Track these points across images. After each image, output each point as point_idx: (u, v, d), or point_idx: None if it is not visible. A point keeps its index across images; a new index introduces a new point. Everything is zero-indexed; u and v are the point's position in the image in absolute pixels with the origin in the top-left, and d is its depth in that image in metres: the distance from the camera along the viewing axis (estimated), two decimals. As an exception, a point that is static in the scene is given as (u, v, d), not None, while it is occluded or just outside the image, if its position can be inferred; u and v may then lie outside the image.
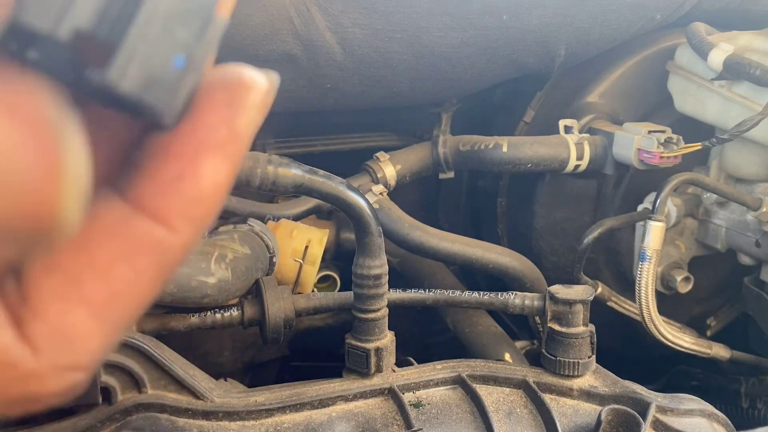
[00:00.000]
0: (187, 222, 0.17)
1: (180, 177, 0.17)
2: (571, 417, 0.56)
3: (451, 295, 0.68)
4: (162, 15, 0.16)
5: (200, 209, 0.17)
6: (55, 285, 0.17)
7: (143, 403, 0.53)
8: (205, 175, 0.17)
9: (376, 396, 0.56)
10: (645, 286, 0.80)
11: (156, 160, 0.17)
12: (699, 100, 0.84)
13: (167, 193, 0.17)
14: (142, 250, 0.17)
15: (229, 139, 0.17)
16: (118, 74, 0.15)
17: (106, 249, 0.17)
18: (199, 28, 0.17)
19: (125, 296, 0.17)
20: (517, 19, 0.77)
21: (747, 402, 0.91)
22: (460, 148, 0.87)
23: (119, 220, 0.17)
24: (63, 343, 0.17)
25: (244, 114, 0.17)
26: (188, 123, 0.17)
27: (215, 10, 0.17)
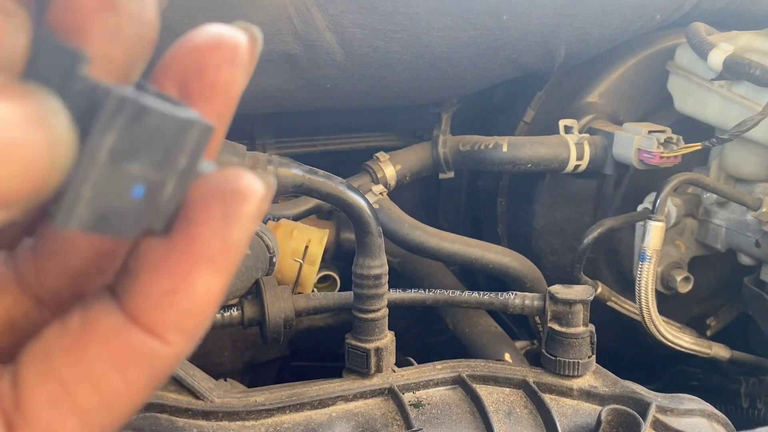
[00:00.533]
0: (180, 334, 0.17)
1: (173, 291, 0.17)
2: (571, 417, 0.56)
3: (451, 295, 0.68)
4: (105, 155, 0.15)
5: (193, 322, 0.17)
6: (48, 393, 0.17)
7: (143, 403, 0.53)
8: (198, 290, 0.17)
9: (376, 396, 0.56)
10: (645, 286, 0.80)
11: (149, 272, 0.17)
12: (699, 100, 0.84)
13: (160, 306, 0.17)
14: (135, 362, 0.17)
15: (223, 252, 0.17)
16: (65, 216, 0.15)
17: (100, 358, 0.17)
18: (165, 152, 0.16)
19: (115, 405, 0.17)
20: (517, 19, 0.77)
21: (747, 402, 0.91)
22: (460, 148, 0.87)
23: (114, 329, 0.17)
24: None
25: (239, 226, 0.17)
26: (182, 235, 0.17)
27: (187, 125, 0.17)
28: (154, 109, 0.16)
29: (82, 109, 0.16)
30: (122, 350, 0.17)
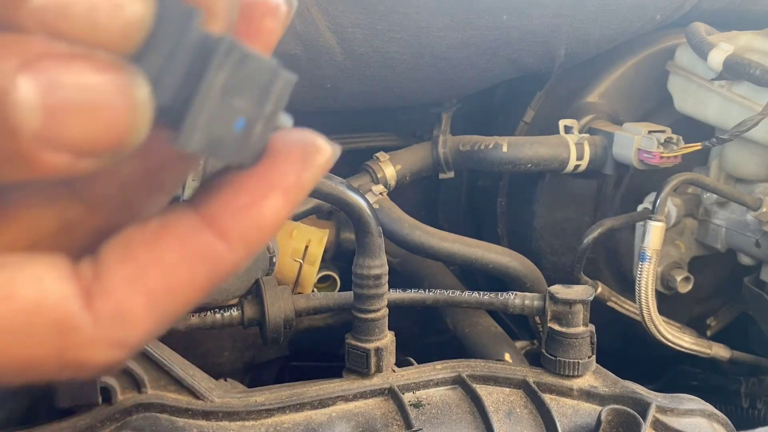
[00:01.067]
0: (244, 244, 0.21)
1: (248, 206, 0.20)
2: (571, 417, 0.56)
3: (451, 295, 0.68)
4: (218, 90, 0.19)
5: (256, 236, 0.21)
6: (125, 272, 0.20)
7: (143, 403, 0.53)
8: (268, 210, 0.20)
9: (376, 396, 0.56)
10: (645, 286, 0.80)
11: (232, 189, 0.21)
12: (699, 100, 0.84)
13: (234, 217, 0.20)
14: (202, 259, 0.20)
15: (294, 187, 0.21)
16: (185, 139, 0.19)
17: (173, 251, 0.20)
18: (260, 93, 0.20)
19: (178, 294, 0.20)
20: (517, 19, 0.76)
21: (747, 402, 0.91)
22: (460, 148, 0.86)
23: (190, 228, 0.20)
24: (120, 321, 0.20)
25: (311, 170, 0.21)
26: (266, 165, 0.21)
27: (276, 72, 0.20)
28: (255, 55, 0.20)
29: (196, 54, 0.19)
30: (193, 247, 0.20)
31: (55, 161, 0.18)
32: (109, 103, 0.18)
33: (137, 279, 0.20)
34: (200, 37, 0.19)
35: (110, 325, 0.20)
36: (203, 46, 0.19)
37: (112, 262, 0.20)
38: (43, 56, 0.17)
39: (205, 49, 0.19)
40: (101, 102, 0.18)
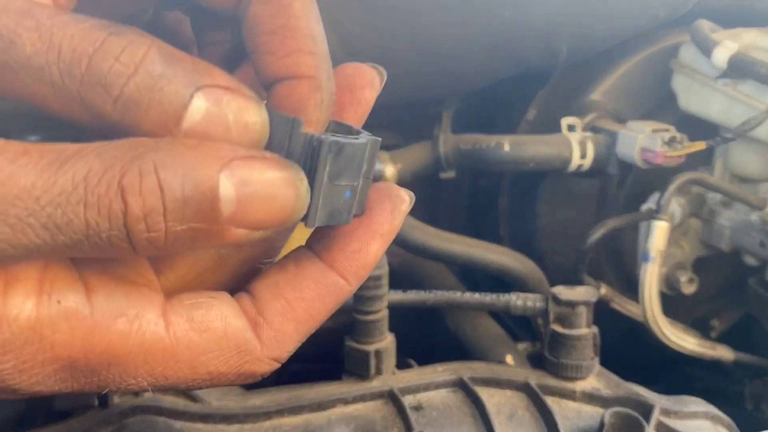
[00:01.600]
0: (357, 279, 0.28)
1: (358, 251, 0.28)
2: (574, 420, 0.56)
3: (452, 296, 0.67)
4: (327, 179, 0.26)
5: (366, 272, 0.28)
6: (278, 307, 0.28)
7: (139, 405, 0.52)
8: (372, 252, 0.28)
9: (375, 399, 0.55)
10: (648, 288, 0.79)
11: (345, 238, 0.28)
12: (703, 98, 0.84)
13: (349, 260, 0.28)
14: (330, 293, 0.28)
15: (389, 232, 0.28)
16: (311, 221, 0.26)
17: (310, 288, 0.28)
18: (357, 167, 0.27)
19: (315, 320, 0.28)
20: (519, 16, 0.76)
21: (751, 404, 0.90)
22: (461, 147, 0.86)
23: (319, 271, 0.28)
24: (278, 343, 0.27)
25: (399, 217, 0.29)
26: (368, 218, 0.28)
27: (366, 146, 0.27)
28: (348, 143, 0.26)
29: (305, 153, 0.25)
30: (324, 285, 0.28)
31: (239, 235, 0.24)
32: (282, 193, 0.24)
33: (288, 312, 0.27)
34: (305, 139, 0.25)
35: (272, 346, 0.27)
36: (309, 146, 0.25)
37: (268, 298, 0.28)
38: (234, 158, 0.23)
39: (311, 147, 0.25)
40: (277, 193, 0.24)
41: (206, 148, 0.23)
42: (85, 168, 0.22)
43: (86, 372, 0.25)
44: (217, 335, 0.26)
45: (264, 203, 0.24)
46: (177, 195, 0.23)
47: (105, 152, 0.23)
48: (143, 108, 0.23)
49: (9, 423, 0.55)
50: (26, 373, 0.24)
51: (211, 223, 0.23)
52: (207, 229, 0.23)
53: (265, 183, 0.24)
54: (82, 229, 0.22)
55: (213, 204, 0.23)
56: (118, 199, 0.22)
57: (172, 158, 0.23)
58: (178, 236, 0.23)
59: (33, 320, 0.24)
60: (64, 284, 0.25)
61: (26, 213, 0.22)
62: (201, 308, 0.26)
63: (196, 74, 0.24)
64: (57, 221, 0.22)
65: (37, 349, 0.24)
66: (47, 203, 0.22)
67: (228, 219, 0.23)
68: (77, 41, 0.23)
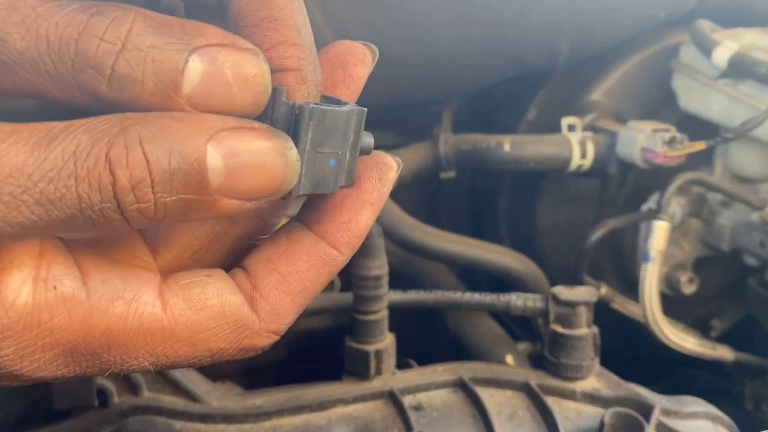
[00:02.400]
0: (349, 248, 0.28)
1: (349, 221, 0.28)
2: (574, 420, 0.56)
3: (452, 296, 0.67)
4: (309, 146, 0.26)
5: (357, 241, 0.29)
6: (273, 281, 0.28)
7: (140, 405, 0.52)
8: (362, 221, 0.28)
9: (375, 399, 0.55)
10: (649, 288, 0.79)
11: (335, 209, 0.28)
12: (703, 98, 0.83)
13: (340, 230, 0.28)
14: (323, 263, 0.28)
15: (378, 201, 0.28)
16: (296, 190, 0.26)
17: (303, 261, 0.28)
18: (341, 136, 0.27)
19: (310, 290, 0.28)
20: (519, 16, 0.76)
21: (752, 404, 0.90)
22: (461, 147, 0.86)
23: (311, 243, 0.28)
24: (275, 316, 0.28)
25: (387, 185, 0.29)
26: (356, 188, 0.28)
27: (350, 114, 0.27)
28: (330, 110, 0.26)
29: (288, 121, 0.26)
30: (316, 256, 0.28)
31: (230, 205, 0.24)
32: (271, 162, 0.24)
33: (283, 285, 0.28)
34: (288, 107, 0.26)
35: (270, 319, 0.28)
36: (291, 113, 0.26)
37: (262, 273, 0.28)
38: (221, 130, 0.24)
39: (293, 115, 0.26)
40: (266, 162, 0.24)
41: (193, 120, 0.24)
42: (73, 143, 0.23)
43: (87, 355, 0.26)
44: (215, 312, 0.27)
45: (253, 173, 0.24)
46: (163, 166, 0.23)
47: (92, 127, 0.23)
48: (139, 82, 0.23)
49: (9, 423, 0.55)
50: (27, 359, 0.25)
51: (201, 193, 0.24)
52: (197, 200, 0.24)
53: (254, 153, 0.24)
54: (75, 202, 0.23)
55: (201, 175, 0.23)
56: (106, 171, 0.23)
57: (158, 130, 0.23)
58: (168, 207, 0.24)
59: (30, 306, 0.24)
60: (60, 269, 0.25)
61: (19, 190, 0.22)
62: (197, 287, 0.27)
63: (186, 37, 0.24)
64: (50, 196, 0.22)
65: (36, 334, 0.24)
66: (39, 179, 0.22)
67: (218, 189, 0.24)
68: (62, 28, 0.23)
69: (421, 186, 0.99)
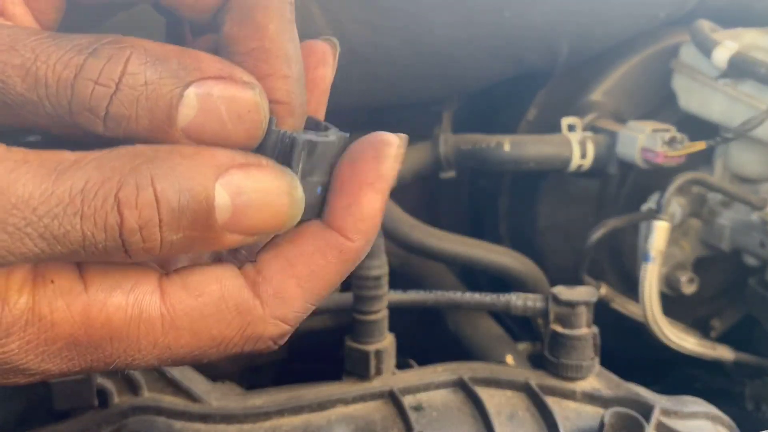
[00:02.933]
0: (359, 233, 0.27)
1: (350, 205, 0.27)
2: (574, 420, 0.56)
3: (452, 296, 0.67)
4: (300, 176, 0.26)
5: (365, 224, 0.27)
6: (279, 265, 0.27)
7: (140, 405, 0.52)
8: (366, 203, 0.27)
9: (375, 399, 0.55)
10: (649, 288, 0.79)
11: (335, 196, 0.28)
12: (703, 98, 0.83)
13: (344, 215, 0.27)
14: (332, 249, 0.27)
15: (378, 179, 0.27)
16: None
17: (311, 245, 0.27)
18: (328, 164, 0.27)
19: (319, 276, 0.27)
20: (519, 17, 0.76)
21: (752, 404, 0.90)
22: (461, 147, 0.86)
23: (318, 229, 0.28)
24: (280, 300, 0.27)
25: (386, 161, 0.27)
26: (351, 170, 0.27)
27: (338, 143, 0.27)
28: (321, 141, 0.27)
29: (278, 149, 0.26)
30: (323, 239, 0.27)
31: (234, 240, 0.25)
32: (278, 201, 0.25)
33: (288, 269, 0.27)
34: (278, 136, 0.26)
35: (274, 304, 0.27)
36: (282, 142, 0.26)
37: (267, 258, 0.27)
38: (230, 167, 0.24)
39: (283, 144, 0.26)
40: (273, 201, 0.25)
41: (203, 157, 0.24)
42: (82, 179, 0.23)
43: (90, 348, 0.26)
44: (214, 297, 0.26)
45: (259, 211, 0.25)
46: (173, 205, 0.23)
47: (103, 163, 0.23)
48: (133, 120, 0.24)
49: (9, 423, 0.55)
50: (32, 353, 0.25)
51: (207, 231, 0.24)
52: (203, 237, 0.24)
53: (261, 191, 0.25)
54: (79, 240, 0.23)
55: (208, 213, 0.24)
56: (114, 212, 0.23)
57: (169, 168, 0.23)
58: (173, 244, 0.24)
59: (31, 302, 0.24)
60: (57, 264, 0.25)
61: (24, 222, 0.22)
62: (195, 273, 0.27)
63: (182, 71, 0.24)
64: (54, 232, 0.23)
65: (39, 329, 0.25)
66: (44, 214, 0.22)
67: (224, 226, 0.24)
68: (60, 70, 0.23)
69: (421, 186, 0.99)
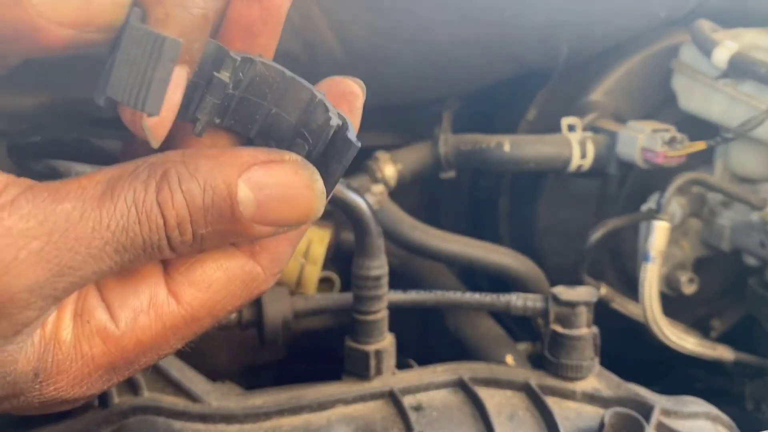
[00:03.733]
0: None
1: None
2: (574, 420, 0.56)
3: (452, 296, 0.67)
4: None
5: None
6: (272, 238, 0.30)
7: (140, 405, 0.52)
8: None
9: (375, 399, 0.55)
10: (649, 288, 0.79)
11: None
12: (704, 98, 0.83)
13: None
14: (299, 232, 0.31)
15: None
16: None
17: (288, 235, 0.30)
18: None
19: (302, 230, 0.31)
20: (519, 17, 0.76)
21: (752, 404, 0.90)
22: (461, 147, 0.86)
23: None
24: (276, 263, 0.31)
25: (357, 117, 0.33)
26: None
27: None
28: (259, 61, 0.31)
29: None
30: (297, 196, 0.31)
31: (264, 231, 0.28)
32: (299, 195, 0.27)
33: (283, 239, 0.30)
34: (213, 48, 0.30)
35: (271, 266, 0.30)
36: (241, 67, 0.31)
37: None
38: (252, 164, 0.27)
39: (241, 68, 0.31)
40: (294, 195, 0.27)
41: (226, 156, 0.27)
42: (131, 191, 0.26)
43: (126, 366, 0.29)
44: (222, 284, 0.29)
45: (283, 204, 0.27)
46: (198, 203, 0.26)
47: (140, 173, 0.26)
48: None
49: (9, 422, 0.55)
50: (77, 385, 0.28)
51: (234, 224, 0.27)
52: (231, 229, 0.27)
53: (282, 186, 0.27)
54: (141, 244, 0.26)
55: (232, 208, 0.27)
56: (159, 215, 0.26)
57: (194, 169, 0.26)
58: (204, 237, 0.27)
59: (74, 341, 0.28)
60: (91, 303, 0.28)
61: (103, 242, 0.26)
62: (197, 268, 0.29)
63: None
64: (124, 243, 0.26)
65: (83, 365, 0.28)
66: (115, 228, 0.26)
67: (250, 218, 0.27)
68: None
69: (421, 186, 0.99)
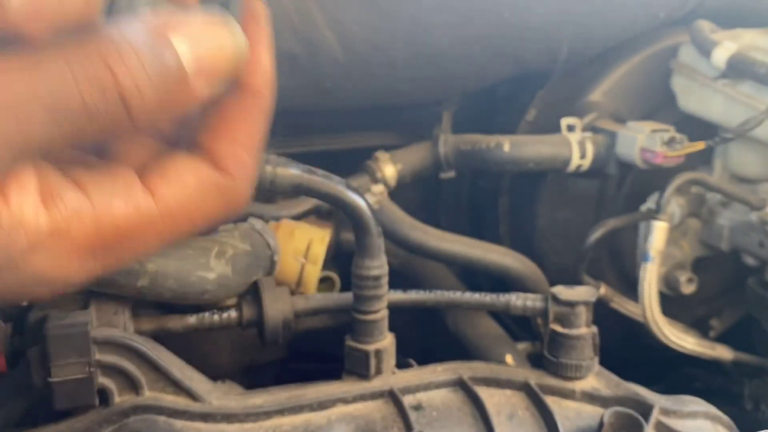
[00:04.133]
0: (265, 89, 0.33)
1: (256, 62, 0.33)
2: (574, 420, 0.56)
3: (452, 296, 0.67)
4: None
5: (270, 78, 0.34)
6: (226, 140, 0.31)
7: (140, 405, 0.52)
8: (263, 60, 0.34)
9: (375, 398, 0.55)
10: (648, 287, 0.79)
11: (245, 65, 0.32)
12: (703, 98, 0.84)
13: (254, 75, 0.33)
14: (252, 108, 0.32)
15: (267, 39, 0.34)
16: None
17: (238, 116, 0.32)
18: None
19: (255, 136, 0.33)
20: (519, 17, 0.76)
21: (751, 404, 0.90)
22: (461, 147, 0.86)
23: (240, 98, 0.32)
24: (244, 169, 0.31)
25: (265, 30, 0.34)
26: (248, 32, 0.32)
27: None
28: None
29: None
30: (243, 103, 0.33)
31: (203, 91, 0.28)
32: (228, 45, 0.28)
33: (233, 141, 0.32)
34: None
35: (242, 174, 0.31)
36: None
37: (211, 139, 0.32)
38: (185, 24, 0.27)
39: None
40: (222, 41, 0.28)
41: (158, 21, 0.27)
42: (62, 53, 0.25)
43: (105, 252, 0.29)
44: (195, 183, 0.30)
45: (216, 50, 0.28)
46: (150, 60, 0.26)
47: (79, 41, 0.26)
48: None
49: (10, 421, 0.55)
50: (55, 265, 0.28)
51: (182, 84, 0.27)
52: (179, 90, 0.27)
53: (210, 33, 0.28)
54: (81, 105, 0.25)
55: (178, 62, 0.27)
56: (105, 70, 0.26)
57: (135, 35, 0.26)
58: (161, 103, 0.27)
59: (50, 222, 0.27)
60: (62, 188, 0.28)
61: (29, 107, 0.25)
62: (168, 166, 0.30)
63: None
64: (57, 105, 0.25)
65: (62, 245, 0.28)
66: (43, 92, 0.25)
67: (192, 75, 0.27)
68: None
69: (421, 186, 0.99)
